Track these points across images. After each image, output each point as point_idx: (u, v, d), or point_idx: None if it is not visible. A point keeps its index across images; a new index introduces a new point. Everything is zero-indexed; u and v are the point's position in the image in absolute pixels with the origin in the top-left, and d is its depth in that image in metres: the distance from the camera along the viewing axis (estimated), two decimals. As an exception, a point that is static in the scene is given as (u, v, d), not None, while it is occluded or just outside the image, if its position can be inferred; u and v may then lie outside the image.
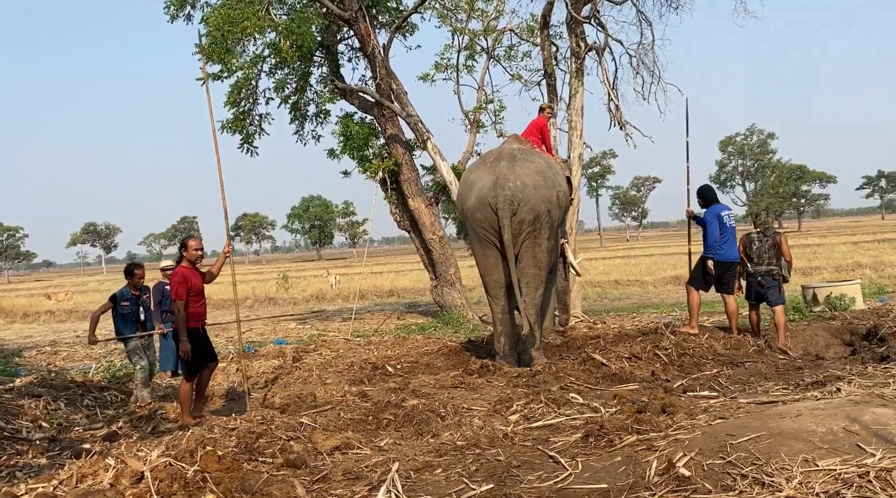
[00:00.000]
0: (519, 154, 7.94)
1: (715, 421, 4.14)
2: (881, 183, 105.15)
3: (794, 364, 6.61)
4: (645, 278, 25.11)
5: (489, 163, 7.96)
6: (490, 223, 7.61)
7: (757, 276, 8.03)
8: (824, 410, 3.79)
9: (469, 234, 8.34)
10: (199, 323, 6.62)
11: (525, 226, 7.53)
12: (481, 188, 7.70)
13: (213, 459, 4.26)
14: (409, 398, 5.96)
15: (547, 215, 7.68)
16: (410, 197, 13.42)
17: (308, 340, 12.46)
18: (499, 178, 7.58)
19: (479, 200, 7.69)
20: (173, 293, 6.32)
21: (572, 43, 12.93)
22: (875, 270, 20.91)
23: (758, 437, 3.56)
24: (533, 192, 7.59)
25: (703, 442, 3.68)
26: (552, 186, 7.84)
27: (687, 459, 3.48)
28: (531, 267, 7.68)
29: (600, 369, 6.63)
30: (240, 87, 13.30)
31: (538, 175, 7.76)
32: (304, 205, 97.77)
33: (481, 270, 8.04)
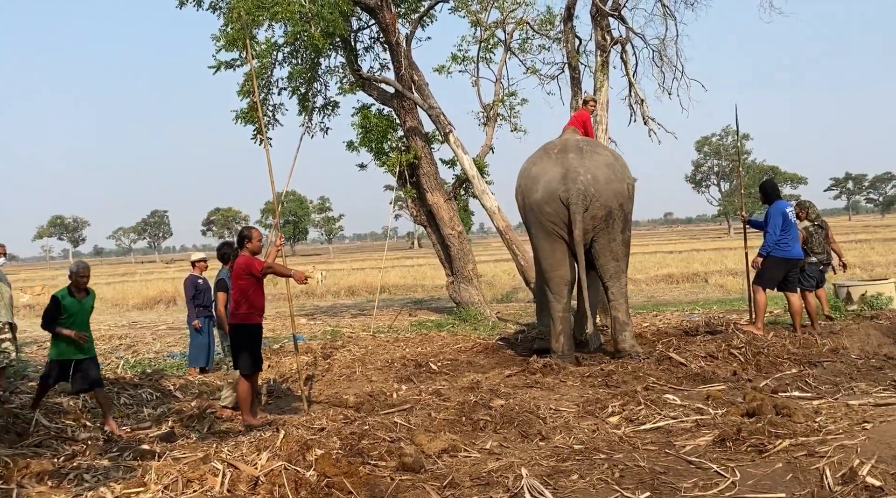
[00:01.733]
0: (585, 146, 7.74)
1: (863, 425, 3.98)
2: (848, 185, 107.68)
3: (871, 364, 6.51)
4: (637, 277, 25.12)
5: (554, 155, 7.69)
6: (560, 217, 7.37)
7: (820, 265, 8.68)
8: None
9: (533, 229, 7.95)
10: (261, 317, 6.28)
11: (597, 221, 7.34)
12: (549, 181, 7.45)
13: (329, 462, 3.98)
14: (493, 398, 5.71)
15: (619, 210, 7.53)
16: (429, 191, 13.13)
17: (323, 337, 12.12)
18: (569, 171, 7.35)
19: (549, 193, 7.44)
20: (253, 269, 5.92)
21: (597, 36, 12.78)
22: (865, 270, 21.18)
23: (939, 442, 3.41)
24: (605, 186, 7.41)
25: (876, 448, 3.51)
26: (622, 179, 7.66)
27: (869, 467, 3.30)
28: (611, 261, 7.52)
29: (679, 369, 6.45)
30: (257, 75, 12.86)
31: (608, 168, 7.58)
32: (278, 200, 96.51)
33: (546, 265, 7.77)
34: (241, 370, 6.04)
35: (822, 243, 8.88)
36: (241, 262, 6.00)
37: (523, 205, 7.91)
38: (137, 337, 14.12)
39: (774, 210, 7.91)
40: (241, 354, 6.04)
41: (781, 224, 7.78)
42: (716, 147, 77.21)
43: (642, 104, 12.95)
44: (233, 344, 6.14)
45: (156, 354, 11.66)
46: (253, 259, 6.09)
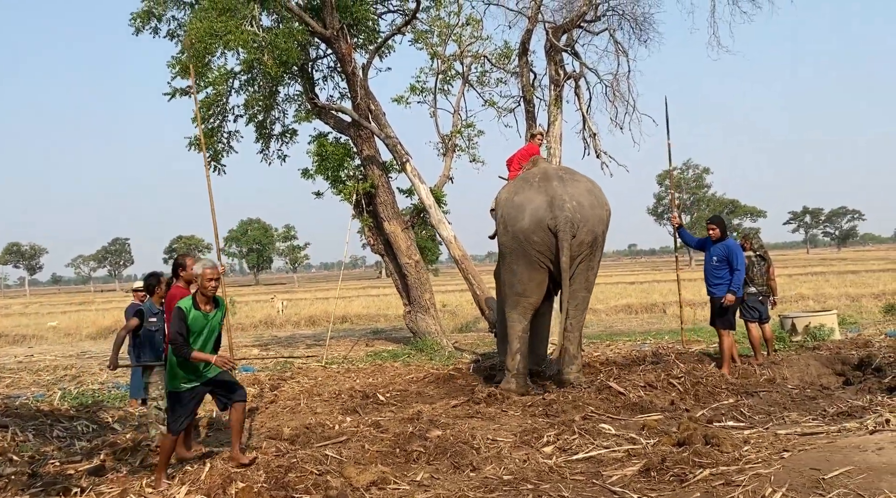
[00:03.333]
0: (564, 174, 7.89)
1: (781, 453, 4.03)
2: (806, 218, 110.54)
3: (806, 394, 6.62)
4: (597, 307, 25.36)
5: (536, 183, 7.76)
6: (547, 245, 7.42)
7: (759, 295, 8.77)
8: (906, 442, 3.73)
9: (514, 256, 7.88)
10: (195, 349, 6.15)
11: (584, 248, 7.43)
12: (536, 209, 7.49)
13: (249, 496, 3.89)
14: (430, 429, 5.67)
15: (602, 236, 7.68)
16: (386, 220, 13.13)
17: (277, 368, 11.94)
18: (554, 199, 7.42)
19: (536, 222, 7.48)
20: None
21: (551, 70, 13.05)
22: (818, 302, 21.66)
23: (848, 472, 3.46)
24: (590, 212, 7.52)
25: (788, 477, 3.55)
26: (602, 206, 7.81)
27: (780, 496, 3.34)
28: (582, 290, 7.61)
29: (618, 398, 6.48)
30: (210, 103, 12.84)
31: (590, 195, 7.72)
32: (242, 228, 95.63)
33: (519, 289, 7.76)
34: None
35: (762, 275, 9.04)
36: (175, 294, 5.90)
37: (505, 233, 7.91)
38: (84, 367, 13.73)
39: (736, 246, 8.10)
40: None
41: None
42: (677, 180, 78.79)
43: (595, 138, 13.21)
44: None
45: (101, 385, 11.34)
46: (186, 293, 5.99)
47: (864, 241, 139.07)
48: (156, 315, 6.64)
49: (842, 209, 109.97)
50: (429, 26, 14.11)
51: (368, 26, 13.49)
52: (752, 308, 8.81)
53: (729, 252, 8.10)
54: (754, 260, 9.02)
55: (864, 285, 26.54)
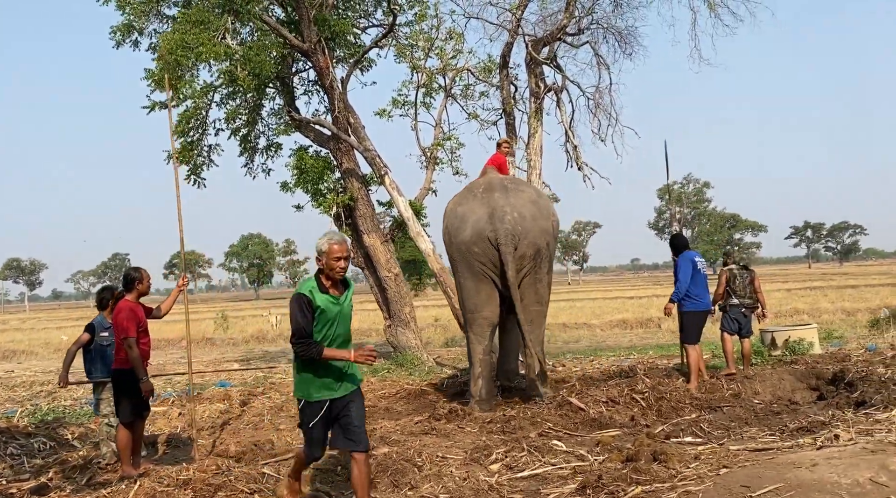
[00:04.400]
0: (509, 184, 7.73)
1: (720, 470, 3.88)
2: (807, 233, 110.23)
3: (771, 409, 6.46)
4: (592, 322, 25.21)
5: (480, 194, 7.63)
6: (489, 257, 7.27)
7: (741, 307, 8.64)
8: (841, 460, 3.58)
9: (459, 269, 7.84)
10: (144, 363, 6.03)
11: (526, 261, 7.26)
12: (477, 221, 7.36)
13: (167, 518, 3.75)
14: (378, 446, 5.52)
15: (546, 248, 7.49)
16: (366, 233, 13.03)
17: (254, 383, 11.80)
18: (495, 211, 7.27)
19: (477, 234, 7.35)
20: (122, 330, 5.72)
21: (531, 83, 13.00)
22: (812, 316, 21.44)
23: (777, 489, 3.32)
24: (532, 223, 7.35)
25: (717, 494, 3.41)
26: (547, 217, 7.63)
27: (706, 515, 3.19)
28: (534, 304, 7.42)
29: (578, 414, 6.33)
30: (189, 116, 12.80)
31: (533, 206, 7.54)
32: (243, 243, 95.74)
33: (470, 305, 7.62)
34: (121, 418, 5.78)
35: (745, 287, 8.86)
36: (123, 306, 5.79)
37: (450, 245, 7.81)
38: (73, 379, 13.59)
39: (683, 258, 7.96)
40: (121, 400, 5.78)
41: (691, 272, 7.82)
42: (677, 194, 78.74)
43: (576, 150, 13.13)
44: (114, 390, 5.89)
45: (74, 401, 11.21)
46: (137, 307, 5.89)
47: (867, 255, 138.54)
48: (107, 329, 6.53)
49: (843, 224, 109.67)
50: (409, 41, 14.09)
51: (348, 40, 13.47)
52: (733, 320, 8.66)
53: (675, 264, 8.03)
54: (736, 272, 8.87)
55: (861, 300, 26.31)
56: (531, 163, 12.52)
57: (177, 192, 6.66)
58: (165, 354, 19.66)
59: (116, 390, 5.85)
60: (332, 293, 3.99)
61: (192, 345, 25.72)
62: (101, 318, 6.65)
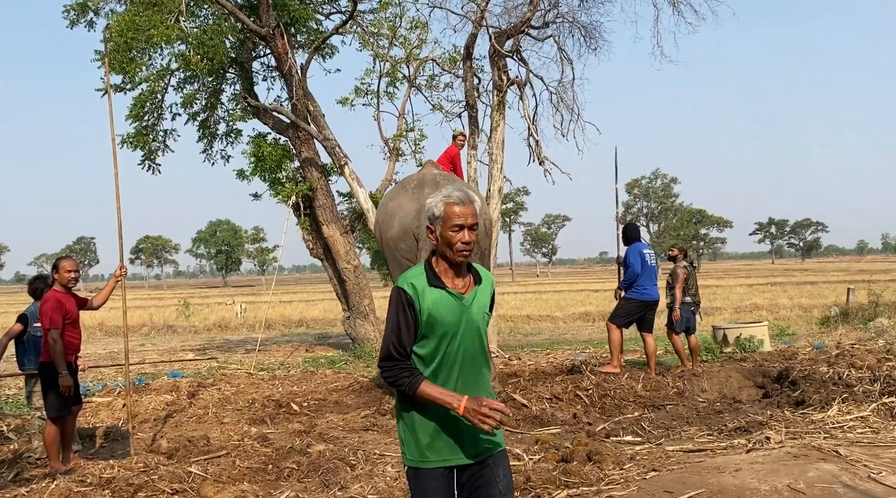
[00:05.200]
0: (442, 180, 7.55)
1: (648, 474, 3.86)
2: (771, 229, 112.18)
3: (714, 407, 6.49)
4: (556, 314, 25.34)
5: (411, 190, 7.50)
6: (415, 254, 7.15)
7: (692, 305, 8.64)
8: (764, 465, 3.57)
9: (389, 266, 7.78)
10: (73, 356, 5.83)
11: None
12: (405, 217, 7.24)
13: (77, 521, 3.61)
14: (314, 443, 5.42)
15: (476, 247, 7.33)
16: (325, 224, 12.86)
17: (206, 374, 11.59)
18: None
19: (403, 230, 7.22)
20: (47, 321, 5.51)
21: (495, 76, 12.89)
22: (771, 312, 21.81)
23: (699, 494, 3.29)
24: None
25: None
26: (479, 216, 7.49)
27: (625, 521, 3.16)
28: None
29: (521, 411, 6.29)
30: (143, 100, 12.49)
31: None
32: (211, 229, 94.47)
33: None
34: (48, 412, 5.59)
35: (695, 285, 8.93)
36: (50, 297, 5.59)
37: (380, 240, 7.70)
38: (7, 370, 13.23)
39: (632, 249, 7.96)
40: (49, 395, 5.58)
41: (640, 263, 7.81)
42: (645, 189, 79.42)
43: (538, 145, 13.08)
44: (42, 384, 5.69)
45: (19, 390, 10.90)
46: (66, 298, 5.69)
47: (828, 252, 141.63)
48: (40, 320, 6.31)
49: (806, 221, 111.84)
50: (372, 29, 13.90)
51: (309, 26, 13.23)
52: (686, 318, 8.63)
53: (626, 254, 8.07)
54: (690, 271, 8.85)
55: (819, 296, 26.80)
56: (493, 157, 12.43)
57: (115, 180, 6.44)
58: (120, 342, 19.26)
59: (44, 384, 5.65)
60: (451, 287, 2.51)
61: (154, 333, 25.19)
62: (34, 307, 6.43)
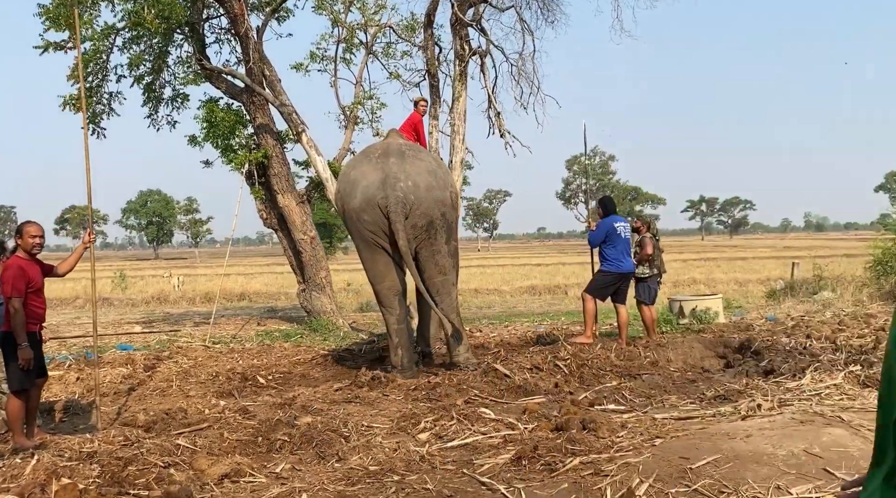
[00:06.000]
0: (407, 150, 7.36)
1: (655, 440, 3.91)
2: (702, 207, 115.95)
3: (686, 376, 6.66)
4: (503, 288, 25.62)
5: (375, 159, 7.28)
6: (380, 226, 7.01)
7: (658, 277, 8.80)
8: (773, 431, 3.67)
9: (354, 238, 7.61)
10: (37, 326, 5.51)
11: (419, 231, 7.02)
12: (368, 187, 7.04)
13: (72, 495, 3.42)
14: (300, 415, 5.29)
15: (442, 219, 7.22)
16: (280, 193, 12.52)
17: (158, 346, 11.20)
18: (388, 177, 6.96)
19: (367, 200, 7.04)
20: (8, 288, 5.17)
21: (456, 45, 12.69)
22: (708, 286, 22.59)
23: (716, 460, 3.35)
24: (426, 193, 7.07)
25: (657, 466, 3.41)
26: (444, 187, 7.35)
27: (646, 487, 3.19)
28: (437, 275, 7.22)
29: (503, 381, 6.30)
30: (87, 60, 11.80)
31: (430, 175, 7.23)
32: (142, 199, 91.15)
33: (371, 277, 7.40)
34: (10, 386, 5.27)
35: (659, 257, 9.10)
36: (12, 263, 5.24)
37: (342, 211, 7.50)
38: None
39: (603, 222, 8.07)
40: (10, 367, 5.26)
41: (611, 235, 7.91)
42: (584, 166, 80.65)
43: (499, 117, 13.02)
44: (3, 356, 5.35)
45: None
46: (29, 265, 5.34)
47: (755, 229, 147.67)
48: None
49: (735, 199, 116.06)
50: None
51: (265, -13, 12.73)
52: (652, 289, 8.80)
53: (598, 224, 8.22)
54: (655, 244, 9.03)
55: (751, 271, 27.93)
56: (454, 127, 12.28)
57: (85, 143, 6.08)
58: (58, 314, 18.45)
59: (5, 356, 5.32)
60: None
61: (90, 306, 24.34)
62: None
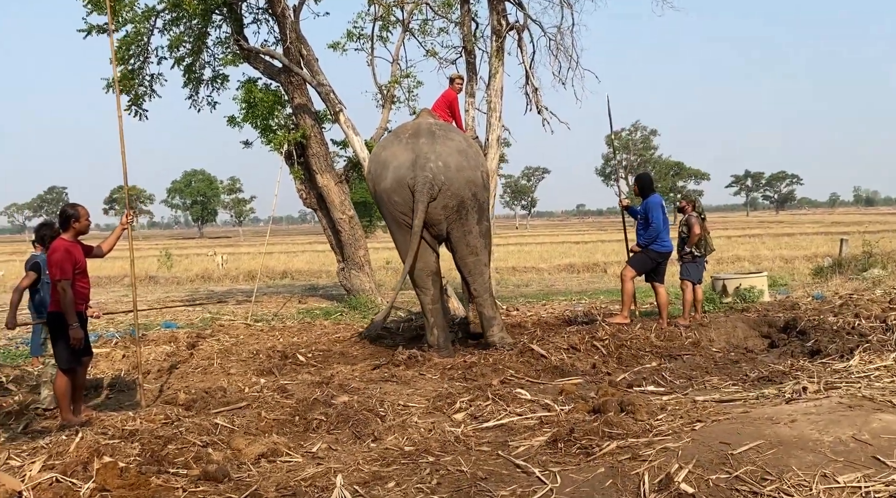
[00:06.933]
0: (438, 130, 7.27)
1: (695, 424, 3.82)
2: (747, 182, 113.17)
3: (729, 357, 6.51)
4: (541, 266, 25.43)
5: (405, 139, 7.22)
6: (410, 207, 6.95)
7: (704, 257, 8.53)
8: (820, 416, 3.54)
9: (386, 218, 7.58)
10: (83, 305, 5.64)
11: (449, 212, 6.97)
12: (398, 167, 7.00)
13: (113, 474, 3.49)
14: (337, 394, 5.33)
15: (473, 200, 7.13)
16: (319, 173, 12.58)
17: (202, 324, 11.42)
18: (419, 157, 6.90)
19: (397, 181, 7.00)
20: (57, 271, 5.29)
21: (493, 20, 12.49)
22: (752, 263, 22.07)
23: (758, 446, 3.25)
24: (456, 173, 6.98)
25: (697, 451, 3.33)
26: (476, 167, 7.25)
27: (686, 473, 3.11)
28: (469, 255, 7.19)
29: (540, 361, 6.25)
30: (129, 42, 11.97)
31: (460, 155, 7.13)
32: (186, 179, 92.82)
33: (403, 256, 7.39)
34: (59, 364, 5.42)
35: (706, 235, 8.81)
36: (58, 246, 5.35)
37: (373, 192, 7.48)
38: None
39: (654, 203, 7.83)
40: (59, 346, 5.40)
41: (662, 217, 7.72)
42: (625, 141, 79.33)
43: (536, 93, 12.80)
44: (52, 335, 5.50)
45: (9, 341, 10.66)
46: (74, 247, 5.45)
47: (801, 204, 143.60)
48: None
49: (781, 173, 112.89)
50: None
51: (302, -35, 12.67)
52: (700, 269, 8.54)
53: (646, 208, 7.90)
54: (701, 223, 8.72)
55: (798, 248, 27.18)
56: (491, 104, 12.13)
57: (119, 124, 6.14)
58: (107, 292, 18.97)
59: (53, 335, 5.47)
60: None
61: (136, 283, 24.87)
62: (44, 255, 6.19)
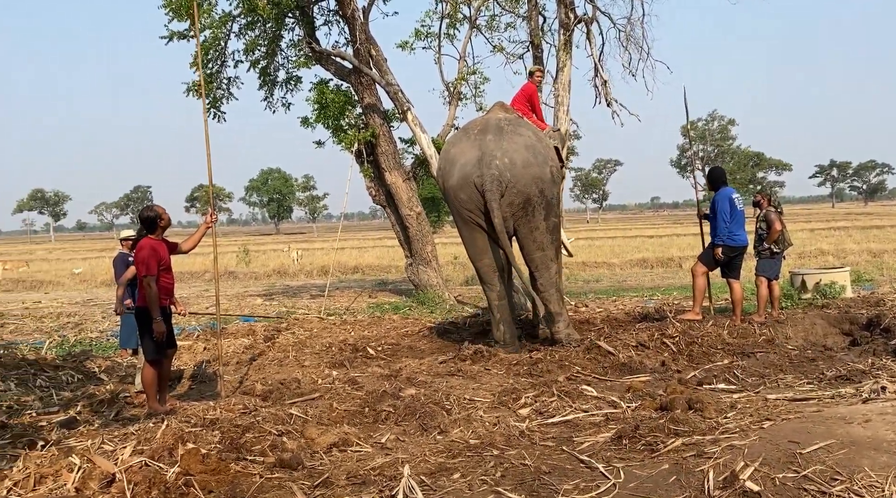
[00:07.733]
0: (506, 125, 7.23)
1: (764, 423, 3.75)
2: (832, 172, 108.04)
3: (805, 355, 6.31)
4: (612, 261, 25.01)
5: (473, 135, 7.24)
6: (476, 204, 6.99)
7: (782, 253, 8.27)
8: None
9: (453, 215, 7.65)
10: (168, 300, 5.98)
11: (515, 209, 6.95)
12: (465, 165, 7.02)
13: (196, 459, 3.72)
14: (405, 387, 5.47)
15: (540, 196, 7.07)
16: (387, 170, 12.81)
17: (277, 318, 11.84)
18: (485, 155, 6.90)
19: (463, 179, 7.03)
20: (143, 268, 5.63)
21: (561, 13, 12.42)
22: (837, 258, 21.09)
23: (829, 446, 3.18)
24: (522, 171, 6.93)
25: (764, 450, 3.28)
26: (543, 163, 7.17)
27: (752, 471, 3.07)
28: (535, 251, 7.19)
29: (607, 358, 6.22)
30: (207, 47, 12.48)
31: (528, 151, 7.08)
32: (263, 177, 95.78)
33: (471, 254, 7.45)
34: (146, 355, 5.77)
35: (784, 230, 8.49)
36: (144, 244, 5.69)
37: (442, 189, 7.53)
38: (87, 315, 13.79)
39: (721, 196, 7.63)
40: (145, 338, 5.75)
41: (729, 210, 7.51)
42: (701, 132, 77.04)
43: (606, 85, 12.65)
44: (139, 328, 5.86)
45: (100, 333, 11.34)
46: (159, 244, 5.79)
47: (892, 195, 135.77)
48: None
49: (870, 163, 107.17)
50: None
51: (371, -33, 12.89)
52: (777, 265, 8.25)
53: (714, 203, 7.69)
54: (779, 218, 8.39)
55: (888, 241, 25.76)
56: (559, 98, 12.08)
57: (205, 128, 6.44)
58: (189, 286, 19.85)
59: (140, 328, 5.82)
60: None
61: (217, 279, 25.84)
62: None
